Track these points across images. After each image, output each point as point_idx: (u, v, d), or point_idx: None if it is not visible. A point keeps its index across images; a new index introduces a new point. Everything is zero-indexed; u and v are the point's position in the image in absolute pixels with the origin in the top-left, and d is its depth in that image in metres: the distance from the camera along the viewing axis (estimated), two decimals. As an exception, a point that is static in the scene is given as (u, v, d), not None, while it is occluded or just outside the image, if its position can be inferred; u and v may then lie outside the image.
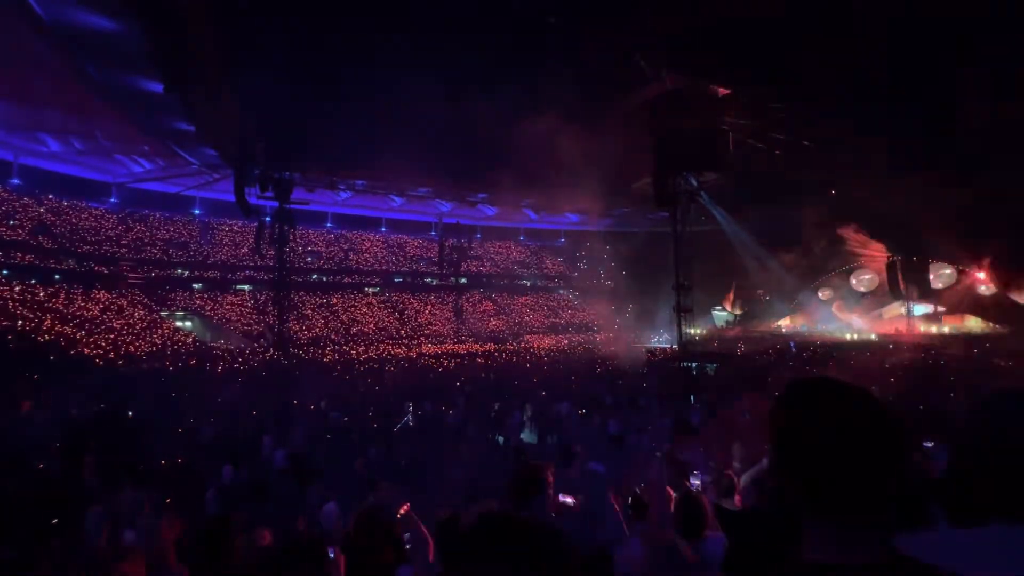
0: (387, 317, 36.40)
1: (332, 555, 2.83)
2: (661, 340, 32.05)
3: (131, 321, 25.15)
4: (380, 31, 14.19)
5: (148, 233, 32.95)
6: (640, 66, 15.03)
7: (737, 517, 2.53)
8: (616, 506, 2.58)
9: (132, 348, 21.12)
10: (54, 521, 4.68)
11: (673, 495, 2.44)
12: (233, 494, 6.18)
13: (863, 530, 0.63)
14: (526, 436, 10.19)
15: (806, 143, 20.21)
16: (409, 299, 39.63)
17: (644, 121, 18.06)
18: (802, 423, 0.67)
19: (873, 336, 28.32)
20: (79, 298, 25.13)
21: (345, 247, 41.28)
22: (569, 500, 2.74)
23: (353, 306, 36.39)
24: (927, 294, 30.09)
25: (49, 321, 20.36)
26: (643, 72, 15.99)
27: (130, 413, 10.39)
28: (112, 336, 21.97)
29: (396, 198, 38.94)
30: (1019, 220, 22.73)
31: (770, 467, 0.71)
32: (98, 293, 26.66)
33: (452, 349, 28.15)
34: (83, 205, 31.02)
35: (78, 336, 20.48)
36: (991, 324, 27.38)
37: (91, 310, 24.42)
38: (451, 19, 13.35)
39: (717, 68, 15.79)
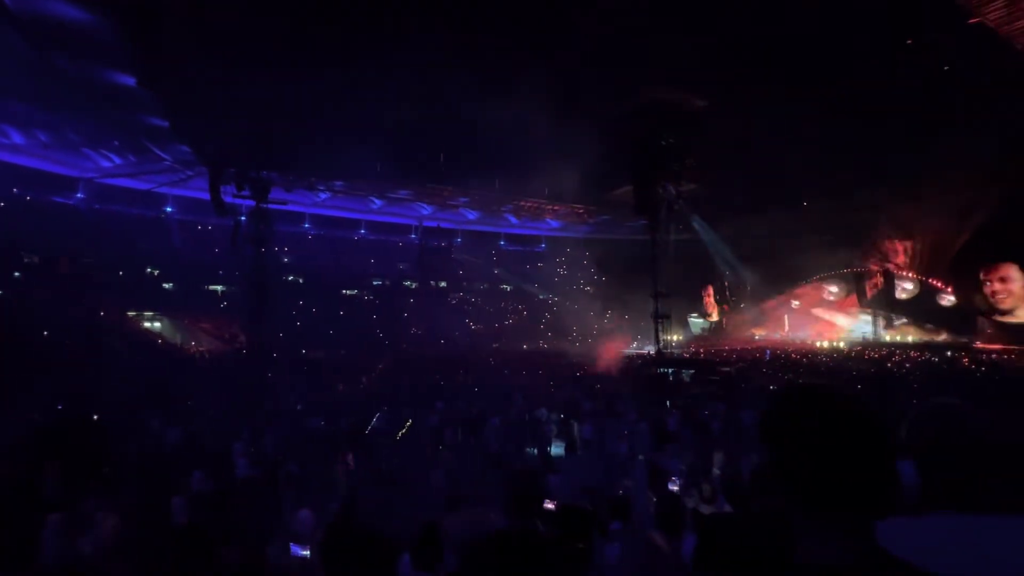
0: (365, 320, 35.92)
1: (307, 553, 2.77)
2: (639, 346, 32.43)
3: (96, 321, 24.20)
4: (362, 30, 14.09)
5: (116, 230, 31.81)
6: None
7: (710, 520, 2.58)
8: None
9: (98, 349, 20.33)
10: (11, 529, 4.46)
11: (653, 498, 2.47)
12: (203, 502, 5.99)
13: (855, 530, 0.65)
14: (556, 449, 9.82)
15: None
16: (387, 302, 39.20)
17: (625, 129, 18.34)
18: (797, 428, 0.69)
19: (842, 345, 29.19)
20: (41, 296, 24.09)
21: (323, 248, 40.62)
22: (550, 505, 2.75)
23: (331, 308, 35.80)
24: (892, 304, 31.23)
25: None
26: (625, 82, 16.27)
27: (95, 417, 10.01)
28: (75, 336, 21.11)
29: (376, 200, 38.56)
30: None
31: (766, 471, 0.72)
32: (62, 291, 25.59)
33: (432, 352, 27.94)
34: (47, 200, 29.81)
35: (44, 335, 19.63)
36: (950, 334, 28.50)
37: (54, 308, 23.43)
38: (429, 21, 13.35)
39: (698, 80, 16.15)
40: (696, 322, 41.63)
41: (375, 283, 40.70)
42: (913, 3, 12.89)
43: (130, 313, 27.53)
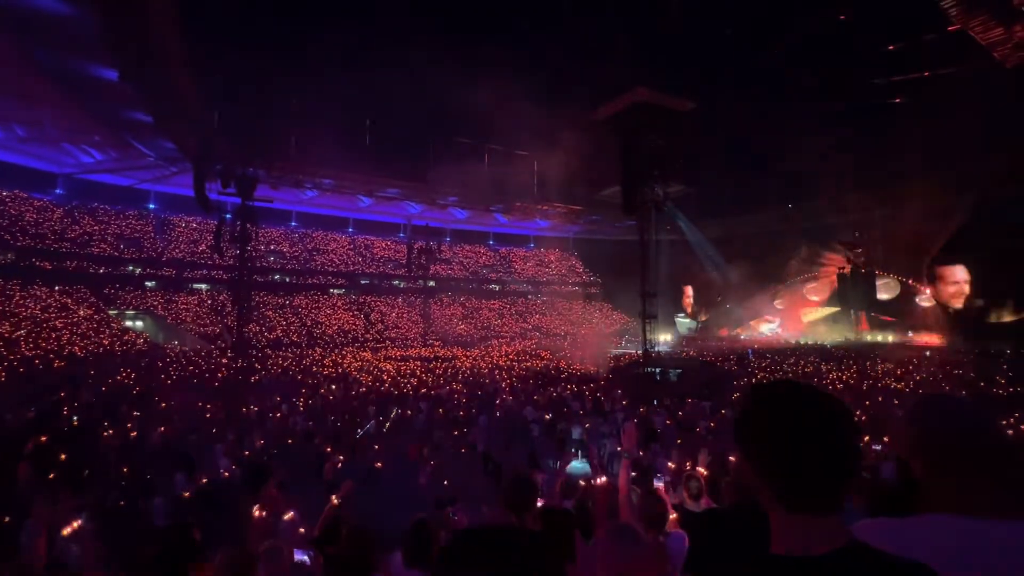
0: (352, 319, 35.65)
1: (307, 559, 2.74)
2: (626, 345, 32.61)
3: (75, 320, 23.72)
4: (351, 29, 13.97)
5: (97, 227, 31.19)
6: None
7: (698, 517, 2.62)
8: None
9: (76, 349, 19.91)
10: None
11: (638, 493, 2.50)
12: (186, 504, 5.90)
13: (826, 521, 0.68)
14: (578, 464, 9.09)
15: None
16: (375, 301, 38.97)
17: (614, 131, 18.45)
18: (771, 422, 0.71)
19: (827, 344, 29.64)
20: (17, 294, 23.54)
21: (310, 247, 40.25)
22: (539, 504, 2.76)
23: (317, 308, 35.48)
24: (873, 304, 31.82)
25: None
26: (614, 84, 16.37)
27: (74, 419, 9.79)
28: (54, 336, 20.66)
29: (364, 198, 38.29)
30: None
31: (741, 465, 0.74)
32: (39, 289, 25.03)
33: (418, 353, 27.80)
34: (25, 196, 29.12)
35: (15, 335, 19.17)
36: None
37: (31, 308, 22.90)
38: (421, 22, 13.31)
39: (685, 83, 16.29)
40: (683, 322, 42.01)
41: (363, 282, 40.44)
42: (900, 9, 13.17)
43: (111, 312, 26.99)
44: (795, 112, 17.59)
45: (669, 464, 6.22)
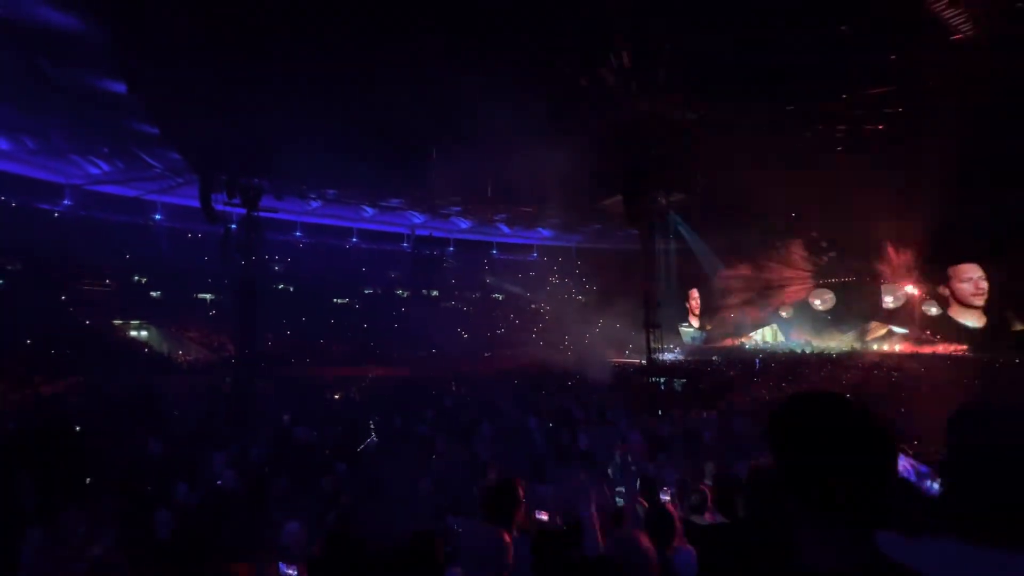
0: (356, 329, 35.70)
1: (294, 573, 2.71)
2: (630, 355, 32.48)
3: (81, 329, 23.85)
4: (351, 37, 14.09)
5: (103, 237, 31.44)
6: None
7: (707, 531, 2.58)
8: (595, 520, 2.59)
9: (81, 357, 19.99)
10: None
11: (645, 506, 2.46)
12: (188, 514, 5.87)
13: (857, 536, 0.66)
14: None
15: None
16: (379, 310, 39.04)
17: (615, 139, 18.50)
18: (811, 432, 0.70)
19: (833, 353, 29.42)
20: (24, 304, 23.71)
21: (314, 256, 40.43)
22: (544, 516, 2.73)
23: (320, 317, 35.57)
24: (878, 314, 31.58)
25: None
26: (615, 91, 16.43)
27: (77, 428, 9.82)
28: (58, 344, 20.77)
29: (368, 208, 38.48)
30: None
31: (769, 476, 0.73)
32: (46, 298, 25.20)
33: (421, 362, 27.77)
34: (33, 207, 29.43)
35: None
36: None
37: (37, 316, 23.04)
38: (423, 26, 13.41)
39: (687, 90, 16.36)
40: (687, 331, 41.80)
41: (366, 291, 40.52)
42: (901, 19, 13.16)
43: (116, 321, 27.13)
44: (794, 114, 17.57)
45: (675, 476, 6.15)
